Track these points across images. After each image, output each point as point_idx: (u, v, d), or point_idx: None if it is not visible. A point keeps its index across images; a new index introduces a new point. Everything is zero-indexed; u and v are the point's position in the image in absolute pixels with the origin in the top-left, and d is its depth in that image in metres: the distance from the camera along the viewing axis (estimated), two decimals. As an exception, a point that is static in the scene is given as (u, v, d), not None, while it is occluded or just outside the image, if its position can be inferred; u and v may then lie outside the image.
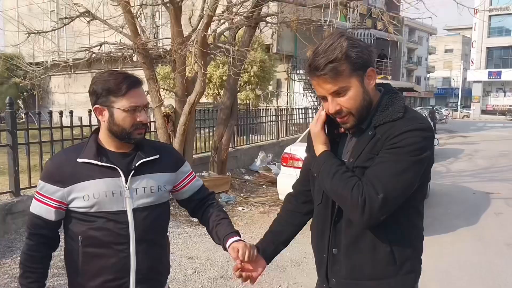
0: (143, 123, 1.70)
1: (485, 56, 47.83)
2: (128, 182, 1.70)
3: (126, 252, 1.69)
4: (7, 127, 5.40)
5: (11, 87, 23.84)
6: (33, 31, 6.89)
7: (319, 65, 1.50)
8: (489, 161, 12.65)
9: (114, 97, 1.66)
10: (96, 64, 8.98)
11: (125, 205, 1.69)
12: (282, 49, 21.23)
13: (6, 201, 5.27)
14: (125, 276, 1.70)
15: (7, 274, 4.31)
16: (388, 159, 1.47)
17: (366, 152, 1.53)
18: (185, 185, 1.94)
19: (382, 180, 1.45)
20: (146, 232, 1.72)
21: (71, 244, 1.73)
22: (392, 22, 7.26)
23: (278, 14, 8.31)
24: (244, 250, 1.70)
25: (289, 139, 12.85)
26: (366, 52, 1.52)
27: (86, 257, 1.69)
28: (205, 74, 6.55)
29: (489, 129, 28.68)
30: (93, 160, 1.68)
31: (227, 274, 4.46)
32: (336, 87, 1.52)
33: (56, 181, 1.68)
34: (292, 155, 6.33)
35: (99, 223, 1.67)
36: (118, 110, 1.66)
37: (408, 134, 1.46)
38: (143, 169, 1.74)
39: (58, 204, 1.70)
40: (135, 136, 1.70)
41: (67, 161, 1.71)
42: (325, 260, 1.69)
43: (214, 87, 16.53)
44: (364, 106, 1.55)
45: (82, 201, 1.66)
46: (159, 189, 1.78)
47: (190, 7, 7.71)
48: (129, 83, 1.67)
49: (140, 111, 1.69)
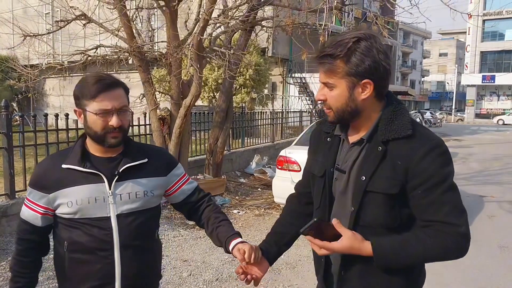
0: (114, 127, 1.63)
1: (479, 60, 48.14)
2: (112, 187, 1.68)
3: (110, 259, 1.67)
4: (2, 130, 5.39)
5: (5, 90, 23.74)
6: (29, 33, 6.88)
7: (321, 52, 1.52)
8: (483, 165, 12.73)
9: (86, 100, 1.63)
10: (92, 67, 8.98)
11: (108, 211, 1.67)
12: (278, 53, 21.33)
13: (1, 204, 5.26)
14: (111, 283, 1.69)
15: (2, 276, 4.30)
16: (436, 195, 1.45)
17: (387, 177, 1.49)
18: (178, 188, 1.90)
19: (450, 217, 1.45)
20: (131, 238, 1.70)
21: (59, 250, 1.73)
22: (386, 26, 7.31)
23: (274, 18, 8.35)
24: (250, 252, 1.68)
25: (284, 142, 12.87)
26: (373, 64, 1.47)
27: (72, 262, 1.69)
28: (201, 77, 6.57)
29: (483, 133, 28.85)
30: (76, 166, 1.66)
31: (222, 276, 4.48)
32: (326, 80, 1.54)
33: (42, 187, 1.68)
34: (288, 158, 6.36)
35: (83, 229, 1.66)
36: (89, 113, 1.63)
37: (429, 158, 1.46)
38: (129, 174, 1.71)
39: (45, 210, 1.70)
40: (109, 140, 1.65)
41: (52, 167, 1.70)
42: (323, 263, 1.69)
43: (210, 90, 16.58)
44: (347, 111, 1.54)
45: (66, 208, 1.66)
46: (145, 194, 1.74)
47: (186, 11, 7.73)
48: (101, 86, 1.62)
49: (112, 115, 1.63)
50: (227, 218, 1.94)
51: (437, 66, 69.65)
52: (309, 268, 4.48)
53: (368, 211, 1.53)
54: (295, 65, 24.04)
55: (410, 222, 1.55)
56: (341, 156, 1.64)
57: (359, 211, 1.54)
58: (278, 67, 22.68)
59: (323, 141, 1.72)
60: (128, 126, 1.71)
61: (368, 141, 1.56)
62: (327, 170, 1.65)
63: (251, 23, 7.60)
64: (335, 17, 10.79)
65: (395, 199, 1.50)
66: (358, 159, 1.58)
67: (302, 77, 23.91)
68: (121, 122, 1.65)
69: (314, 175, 1.73)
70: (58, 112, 6.60)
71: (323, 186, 1.67)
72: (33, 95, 19.56)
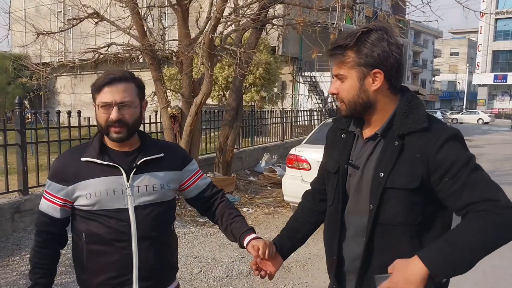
0: (113, 120, 1.65)
1: (491, 59, 47.72)
2: (129, 180, 1.72)
3: (128, 250, 1.70)
4: (16, 127, 5.46)
5: (17, 87, 24.01)
6: (42, 31, 6.96)
7: (333, 44, 1.53)
8: (494, 165, 12.61)
9: (95, 94, 1.69)
10: (103, 65, 9.04)
11: (126, 202, 1.71)
12: (288, 51, 21.32)
13: (15, 200, 5.33)
14: (128, 273, 1.71)
15: (16, 271, 4.36)
16: (465, 178, 1.40)
17: (406, 172, 1.46)
18: (192, 183, 1.93)
19: (487, 194, 1.37)
20: (148, 230, 1.73)
21: (76, 242, 1.76)
22: (398, 25, 7.28)
23: (284, 17, 8.34)
24: (264, 248, 1.70)
25: (293, 141, 12.87)
26: (383, 54, 1.48)
27: (90, 254, 1.72)
28: (212, 75, 6.60)
29: (494, 133, 28.58)
30: (95, 158, 1.70)
31: (233, 273, 4.50)
32: (337, 71, 1.55)
33: (61, 179, 1.72)
34: (298, 157, 6.35)
35: (101, 220, 1.69)
36: (96, 107, 1.70)
37: (448, 146, 1.43)
38: (146, 168, 1.75)
39: (63, 202, 1.73)
40: (111, 135, 1.69)
41: (71, 160, 1.74)
42: (335, 262, 1.67)
43: (220, 89, 16.61)
44: (359, 103, 1.54)
45: (85, 199, 1.69)
46: (161, 187, 1.78)
47: (197, 9, 7.76)
48: (105, 80, 1.66)
49: (112, 108, 1.65)
50: (241, 214, 1.96)
51: (448, 66, 69.09)
52: (319, 266, 4.49)
53: (388, 209, 1.50)
54: (305, 64, 24.00)
55: (432, 219, 1.52)
56: (355, 152, 1.64)
57: (379, 208, 1.50)
58: (288, 65, 22.67)
59: (338, 137, 1.71)
60: (133, 121, 1.71)
61: (383, 136, 1.54)
62: (340, 166, 1.65)
63: (262, 21, 7.61)
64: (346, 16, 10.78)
65: (416, 194, 1.47)
66: (372, 154, 1.56)
67: (312, 76, 23.86)
68: (120, 116, 1.66)
69: (328, 172, 1.74)
70: (70, 110, 6.66)
71: (336, 182, 1.66)
72: (44, 93, 19.78)
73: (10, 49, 19.33)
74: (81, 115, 6.36)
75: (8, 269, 4.41)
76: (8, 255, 4.71)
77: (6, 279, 4.19)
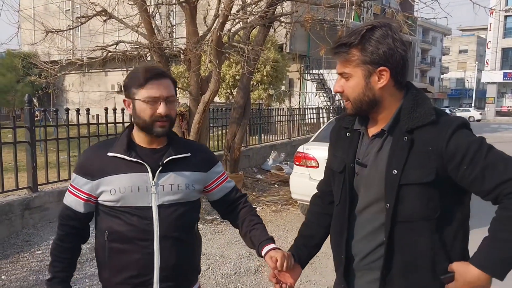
0: (162, 115, 1.66)
1: (500, 57, 47.23)
2: (155, 178, 1.69)
3: (150, 249, 1.67)
4: (25, 124, 5.50)
5: (26, 85, 24.20)
6: (51, 30, 6.99)
7: (337, 43, 1.52)
8: (504, 163, 12.50)
9: (135, 88, 1.67)
10: (111, 63, 9.08)
11: (150, 201, 1.68)
12: (295, 49, 21.28)
13: (24, 197, 5.38)
14: (149, 273, 1.69)
15: (26, 267, 4.40)
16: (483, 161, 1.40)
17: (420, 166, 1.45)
18: (217, 186, 1.91)
19: (508, 171, 1.37)
20: (171, 229, 1.70)
21: (100, 239, 1.75)
22: (406, 21, 7.23)
23: (292, 14, 8.32)
24: (282, 260, 1.65)
25: (301, 139, 12.86)
26: (388, 51, 1.46)
27: (112, 252, 1.70)
28: (219, 73, 6.60)
29: (504, 131, 28.34)
30: (122, 154, 1.69)
31: (240, 270, 4.51)
32: (342, 70, 1.54)
33: (86, 173, 1.71)
34: (305, 154, 6.35)
35: (123, 218, 1.68)
36: (138, 102, 1.67)
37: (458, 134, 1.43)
38: (172, 166, 1.73)
39: (87, 197, 1.72)
40: (156, 129, 1.68)
41: (97, 154, 1.73)
42: (343, 261, 1.65)
43: (227, 87, 16.61)
44: (365, 101, 1.52)
45: (109, 195, 1.67)
46: (186, 187, 1.75)
47: (205, 7, 7.76)
48: (150, 74, 1.66)
49: (160, 103, 1.66)
50: (262, 221, 1.92)
51: (457, 63, 68.61)
52: (327, 264, 4.48)
53: (406, 205, 1.48)
54: (312, 62, 23.95)
55: (451, 212, 1.51)
56: (362, 150, 1.61)
57: (396, 206, 1.48)
58: (295, 63, 22.64)
59: (343, 136, 1.69)
60: (175, 116, 1.73)
61: (390, 132, 1.53)
62: (347, 165, 1.62)
63: (270, 18, 7.59)
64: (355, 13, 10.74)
65: (432, 187, 1.45)
66: (380, 151, 1.55)
67: (320, 73, 23.81)
68: (168, 111, 1.68)
69: (333, 171, 1.71)
70: (79, 108, 6.70)
71: (343, 181, 1.64)
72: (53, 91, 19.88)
73: (20, 47, 19.46)
74: (89, 113, 6.39)
75: (18, 265, 4.45)
76: (18, 251, 4.75)
77: (16, 275, 4.22)
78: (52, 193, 5.70)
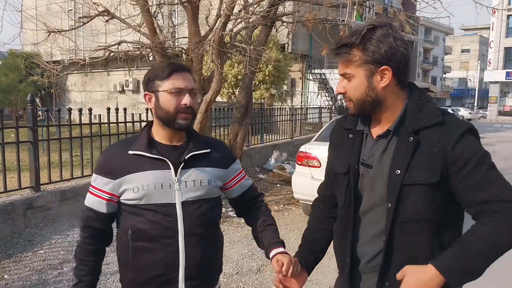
0: (187, 106, 1.67)
1: (503, 56, 47.11)
2: (177, 174, 1.68)
3: (174, 247, 1.66)
4: (28, 124, 5.52)
5: (29, 85, 24.24)
6: (53, 30, 7.01)
7: (338, 43, 1.51)
8: (506, 162, 12.48)
9: (159, 80, 1.68)
10: (113, 62, 9.09)
11: (174, 197, 1.67)
12: (297, 49, 21.25)
13: (27, 196, 5.39)
14: (174, 271, 1.67)
15: (28, 267, 4.41)
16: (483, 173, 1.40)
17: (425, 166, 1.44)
18: (236, 183, 1.90)
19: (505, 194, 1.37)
20: (195, 226, 1.69)
21: (122, 239, 1.72)
22: (408, 21, 7.23)
23: (294, 14, 8.32)
24: (289, 265, 1.64)
25: (303, 139, 12.86)
26: (390, 50, 1.46)
27: (135, 251, 1.68)
28: (221, 73, 6.60)
29: (506, 130, 28.29)
30: (143, 152, 1.68)
31: (242, 270, 4.51)
32: (343, 71, 1.53)
33: (107, 173, 1.69)
34: (307, 154, 6.35)
35: (147, 216, 1.66)
36: (162, 93, 1.67)
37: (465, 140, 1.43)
38: (194, 162, 1.72)
39: (110, 196, 1.70)
40: (179, 121, 1.68)
41: (118, 153, 1.72)
42: (348, 264, 1.63)
43: (229, 86, 16.63)
44: (367, 101, 1.51)
45: (132, 193, 1.66)
46: (209, 183, 1.74)
47: (207, 7, 7.77)
48: (174, 66, 1.70)
49: (185, 94, 1.67)
50: (275, 222, 1.92)
51: (459, 63, 68.47)
52: (329, 264, 4.48)
53: (407, 206, 1.47)
54: (314, 61, 23.95)
55: (453, 214, 1.51)
56: (366, 151, 1.59)
57: (397, 206, 1.47)
58: (297, 63, 22.62)
59: (345, 137, 1.67)
60: (197, 110, 1.75)
61: (395, 132, 1.51)
62: (351, 166, 1.60)
63: (272, 18, 7.59)
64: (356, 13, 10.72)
65: (436, 189, 1.45)
66: (385, 151, 1.53)
67: (322, 73, 23.79)
68: (192, 102, 1.69)
69: (336, 173, 1.69)
70: (81, 107, 6.71)
71: (347, 183, 1.62)
72: (55, 91, 19.95)
73: (22, 47, 19.51)
74: (92, 113, 6.40)
75: (20, 264, 4.46)
76: (21, 251, 4.77)
77: (19, 274, 4.24)
78: (54, 193, 5.72)
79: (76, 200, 6.00)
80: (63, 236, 5.20)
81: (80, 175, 6.36)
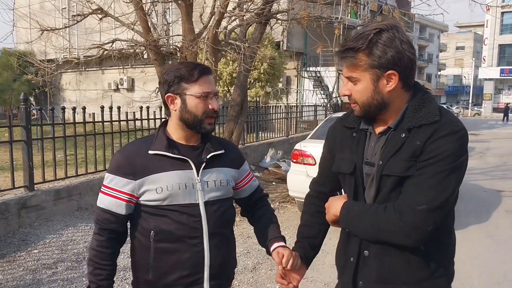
0: (215, 110, 1.66)
1: (497, 53, 47.34)
2: (199, 174, 1.67)
3: (199, 247, 1.65)
4: (21, 123, 5.48)
5: (23, 84, 24.12)
6: (46, 28, 6.97)
7: (342, 47, 1.50)
8: (501, 159, 12.54)
9: (186, 83, 1.64)
10: (107, 61, 9.05)
11: (197, 197, 1.66)
12: (292, 46, 21.26)
13: (21, 196, 5.36)
14: (199, 272, 1.66)
15: (22, 266, 4.39)
16: (427, 171, 1.41)
17: (403, 160, 1.45)
18: (246, 183, 1.92)
19: (423, 192, 1.40)
20: (217, 226, 1.69)
21: (141, 240, 1.68)
22: (403, 18, 7.23)
23: (289, 11, 8.32)
24: (289, 258, 1.66)
25: (298, 136, 12.86)
26: (396, 54, 1.44)
27: (158, 253, 1.64)
28: (216, 70, 6.59)
29: (500, 127, 28.43)
30: (165, 152, 1.65)
31: (238, 268, 4.50)
32: (349, 74, 1.52)
33: (127, 173, 1.64)
34: (302, 152, 6.34)
35: (171, 216, 1.63)
36: (190, 97, 1.64)
37: (443, 140, 1.41)
38: (212, 163, 1.72)
39: (129, 197, 1.65)
40: (205, 125, 1.67)
41: (137, 153, 1.67)
42: (351, 264, 1.62)
43: (224, 84, 16.59)
44: (373, 105, 1.50)
45: (155, 194, 1.62)
46: (227, 183, 1.75)
47: (201, 4, 7.75)
48: (201, 69, 1.66)
49: (212, 98, 1.66)
50: (277, 221, 1.94)
51: (454, 60, 68.69)
52: (324, 261, 4.48)
53: (382, 195, 1.50)
54: (309, 59, 23.94)
55: None
56: (369, 150, 1.59)
57: (377, 196, 1.51)
58: (292, 60, 22.60)
59: (349, 136, 1.66)
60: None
61: (395, 129, 1.52)
62: (357, 166, 1.59)
63: (266, 16, 7.58)
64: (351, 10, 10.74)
65: None
66: (383, 147, 1.54)
67: (317, 70, 23.80)
68: (218, 106, 1.68)
69: (343, 174, 1.67)
70: (76, 106, 6.68)
71: (354, 183, 1.61)
72: (50, 89, 19.86)
73: (15, 46, 19.41)
74: (86, 111, 6.37)
75: (14, 264, 4.43)
76: (15, 250, 4.74)
77: (12, 274, 4.21)
78: (48, 192, 5.68)
79: (71, 199, 5.97)
80: (58, 235, 5.18)
81: (74, 174, 6.33)
